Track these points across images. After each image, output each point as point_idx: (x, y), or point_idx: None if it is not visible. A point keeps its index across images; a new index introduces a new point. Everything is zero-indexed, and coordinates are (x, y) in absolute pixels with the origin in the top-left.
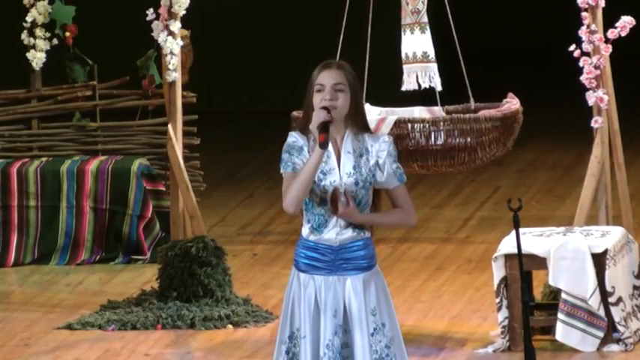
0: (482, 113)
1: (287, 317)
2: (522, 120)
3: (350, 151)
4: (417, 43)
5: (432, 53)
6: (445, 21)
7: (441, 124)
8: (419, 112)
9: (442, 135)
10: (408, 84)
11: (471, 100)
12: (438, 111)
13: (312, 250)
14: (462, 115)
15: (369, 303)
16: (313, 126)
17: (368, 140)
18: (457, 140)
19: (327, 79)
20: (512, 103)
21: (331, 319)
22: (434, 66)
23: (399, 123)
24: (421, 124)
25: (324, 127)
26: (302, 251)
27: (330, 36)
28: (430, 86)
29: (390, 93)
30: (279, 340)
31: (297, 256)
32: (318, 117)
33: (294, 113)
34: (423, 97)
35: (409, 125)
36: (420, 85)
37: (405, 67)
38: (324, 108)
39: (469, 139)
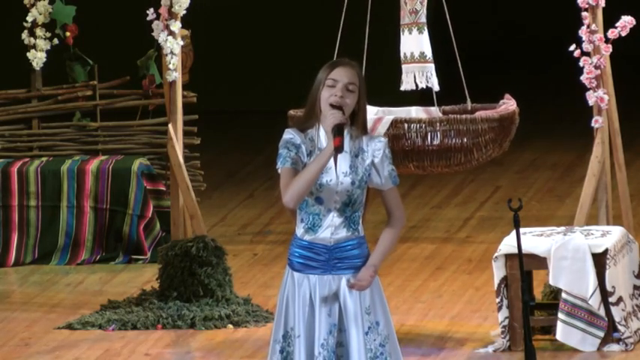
0: (479, 114)
1: (281, 316)
2: (519, 121)
3: (347, 150)
4: (414, 43)
5: (429, 53)
6: (452, 19)
7: (438, 124)
8: (415, 112)
9: (438, 135)
10: (406, 84)
11: (468, 100)
12: (435, 111)
13: (307, 250)
14: (458, 116)
15: (364, 302)
16: (327, 125)
17: (364, 140)
18: (453, 141)
19: (341, 76)
20: (508, 104)
21: (326, 318)
22: (431, 66)
23: (395, 123)
24: (417, 125)
25: (339, 130)
26: (296, 250)
27: (331, 36)
28: (427, 86)
29: (390, 92)
30: (274, 339)
31: (291, 255)
32: (333, 117)
33: (291, 112)
34: (428, 96)
35: (405, 125)
36: (417, 85)
37: (403, 67)
38: (339, 108)
39: (465, 140)
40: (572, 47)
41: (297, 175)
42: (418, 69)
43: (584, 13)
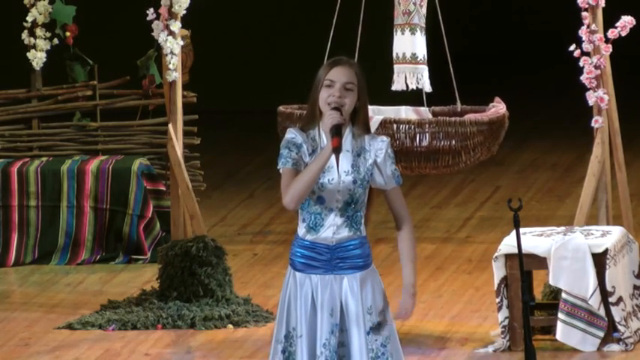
0: (469, 117)
1: (283, 316)
2: (508, 125)
3: (349, 149)
4: (406, 43)
5: (420, 55)
6: (451, 20)
7: (427, 126)
8: (405, 111)
9: (427, 137)
10: (397, 84)
11: (458, 102)
12: (425, 112)
13: (309, 250)
14: (447, 118)
15: (366, 302)
16: (326, 126)
17: (366, 139)
18: (442, 143)
19: (338, 76)
20: (498, 108)
21: (328, 318)
22: (423, 68)
23: (384, 123)
24: (407, 125)
25: (338, 131)
26: (298, 250)
27: (330, 35)
28: (417, 87)
29: (383, 92)
30: (275, 340)
31: (293, 255)
32: (331, 118)
33: (281, 108)
34: (419, 96)
35: (395, 126)
36: (407, 86)
37: (395, 66)
38: (337, 109)
39: (454, 142)
40: (572, 47)
41: (297, 175)
42: (409, 70)
43: (584, 13)
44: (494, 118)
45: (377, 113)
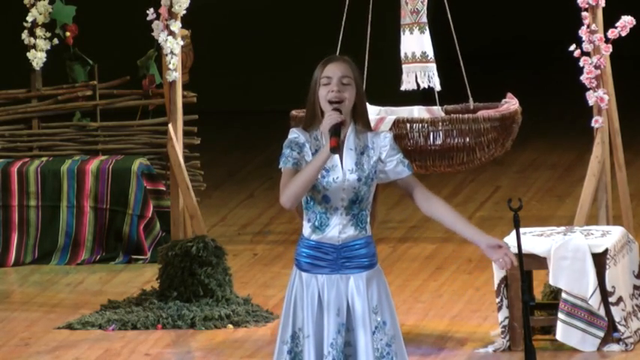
0: (481, 113)
1: (289, 317)
2: (521, 120)
3: (352, 147)
4: (416, 43)
5: (430, 53)
6: (452, 18)
7: (440, 124)
8: (418, 111)
9: (441, 135)
10: (407, 84)
11: (470, 100)
12: (437, 111)
13: (315, 250)
14: (460, 116)
15: (371, 301)
16: (325, 127)
17: (368, 137)
18: (456, 140)
19: (334, 71)
20: (510, 104)
21: (334, 318)
22: (433, 66)
23: (397, 123)
24: (420, 124)
25: (336, 131)
26: (304, 250)
27: (331, 35)
28: (429, 86)
29: (390, 92)
30: (281, 340)
31: (298, 255)
32: (330, 119)
33: (293, 112)
34: (425, 96)
35: (408, 125)
36: (419, 85)
37: (404, 66)
38: (337, 109)
39: (468, 140)
40: (572, 47)
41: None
42: (420, 69)
43: (584, 13)
44: (507, 113)
45: (390, 114)
